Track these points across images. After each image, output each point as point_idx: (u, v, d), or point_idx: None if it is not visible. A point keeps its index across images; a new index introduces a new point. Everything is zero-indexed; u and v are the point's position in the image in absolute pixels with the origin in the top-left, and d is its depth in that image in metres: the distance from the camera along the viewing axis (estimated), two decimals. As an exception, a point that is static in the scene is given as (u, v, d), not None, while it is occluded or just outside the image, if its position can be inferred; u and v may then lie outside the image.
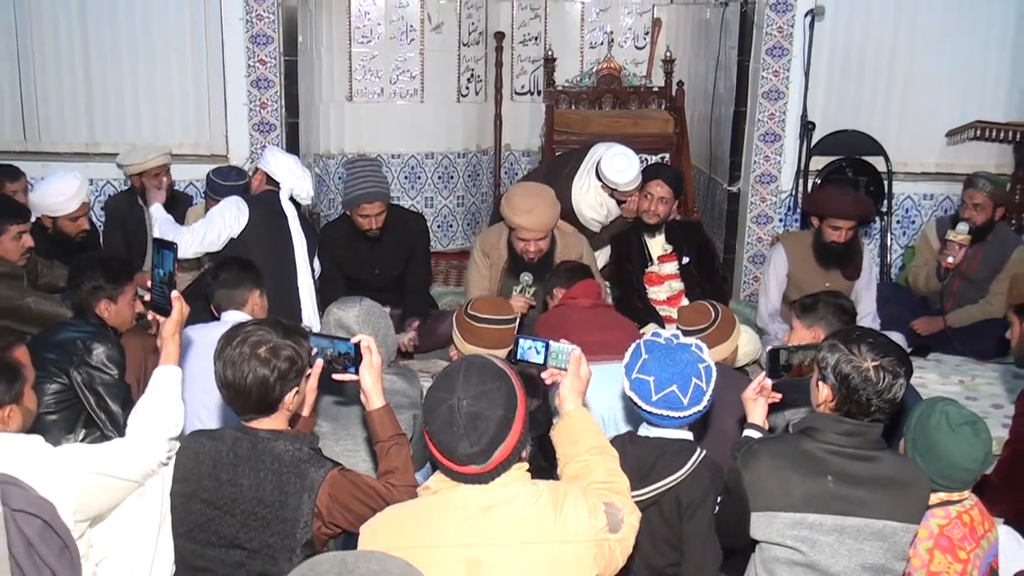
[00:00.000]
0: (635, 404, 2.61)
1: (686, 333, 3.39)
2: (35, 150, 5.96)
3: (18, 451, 2.24)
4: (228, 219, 4.20)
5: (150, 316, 2.72)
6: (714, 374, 2.59)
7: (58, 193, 4.58)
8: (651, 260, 4.92)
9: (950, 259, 4.93)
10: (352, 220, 4.77)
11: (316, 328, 3.89)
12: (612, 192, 5.03)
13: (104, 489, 2.38)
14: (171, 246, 2.70)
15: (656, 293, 4.88)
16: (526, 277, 4.53)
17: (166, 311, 2.60)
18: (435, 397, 2.03)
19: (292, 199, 4.40)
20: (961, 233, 4.92)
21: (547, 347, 2.38)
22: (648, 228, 4.92)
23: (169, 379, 2.57)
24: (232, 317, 3.34)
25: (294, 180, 4.40)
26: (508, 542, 1.99)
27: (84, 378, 3.23)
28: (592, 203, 5.13)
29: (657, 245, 4.94)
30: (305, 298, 4.31)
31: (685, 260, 4.91)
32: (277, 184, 4.41)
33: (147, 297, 2.68)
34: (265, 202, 4.35)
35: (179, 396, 2.58)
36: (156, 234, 4.29)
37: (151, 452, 2.48)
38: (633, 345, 2.66)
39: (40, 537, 2.11)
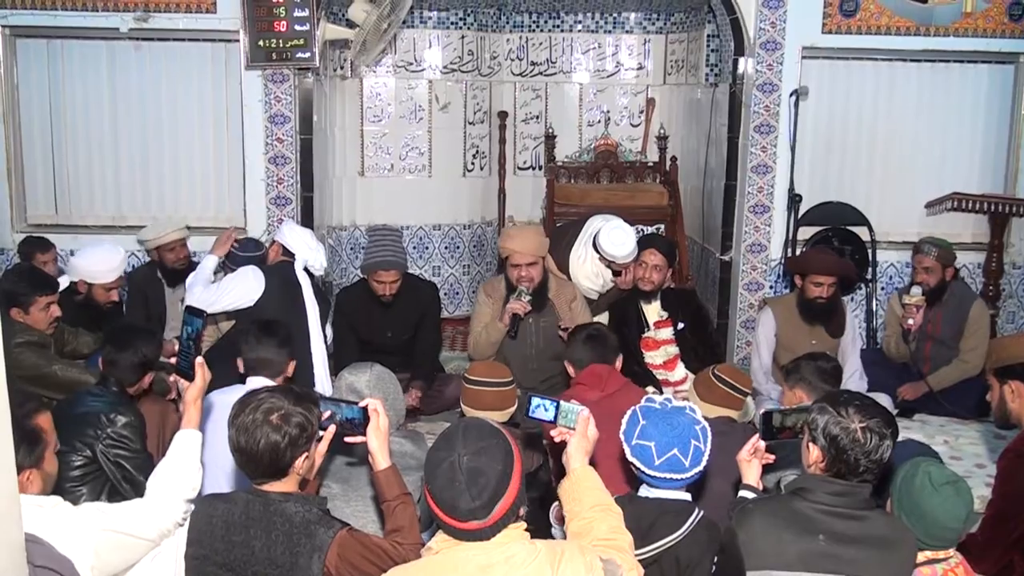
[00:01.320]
0: (637, 469, 2.59)
1: (735, 389, 3.40)
2: (66, 223, 6.03)
3: (39, 511, 2.23)
4: (244, 287, 4.23)
5: (172, 379, 2.73)
6: (710, 435, 2.59)
7: (102, 262, 4.62)
8: (647, 326, 4.93)
9: (910, 321, 5.00)
10: (368, 285, 4.85)
11: (328, 392, 3.89)
12: (609, 264, 5.06)
13: (121, 547, 2.36)
14: (201, 314, 2.73)
15: (652, 358, 4.89)
16: (521, 287, 4.65)
17: (191, 376, 2.61)
18: (436, 456, 2.01)
19: (306, 269, 4.43)
20: (916, 296, 5.00)
21: (557, 406, 2.38)
22: (644, 295, 4.94)
23: (189, 443, 2.56)
24: (256, 383, 3.30)
25: (308, 252, 4.44)
26: None
27: (108, 452, 3.22)
28: (589, 274, 5.16)
29: (653, 312, 4.95)
30: (318, 364, 4.32)
31: (680, 326, 4.93)
32: (292, 255, 4.44)
33: (173, 360, 2.69)
34: (280, 272, 4.37)
35: (198, 460, 2.56)
36: (188, 280, 4.39)
37: (168, 513, 2.46)
38: (629, 412, 2.65)
39: None
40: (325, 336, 4.54)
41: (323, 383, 4.26)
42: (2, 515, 1.82)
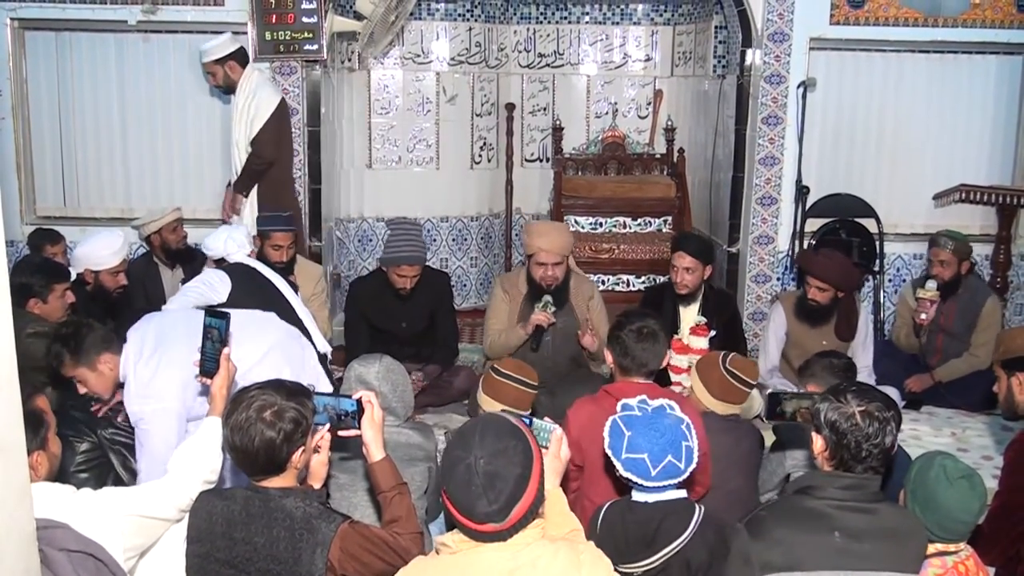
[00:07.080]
0: (631, 482, 2.43)
1: (739, 380, 3.30)
2: (74, 215, 6.04)
3: (64, 497, 2.26)
4: (208, 284, 4.03)
5: (200, 380, 2.80)
6: (694, 426, 2.47)
7: (104, 247, 4.66)
8: (679, 329, 4.74)
9: (923, 316, 4.97)
10: (384, 275, 4.86)
11: (323, 348, 3.93)
12: None
13: (144, 528, 2.40)
14: (225, 316, 2.75)
15: (678, 361, 4.61)
16: (547, 297, 4.55)
17: (213, 374, 2.69)
18: (452, 456, 1.95)
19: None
20: (930, 290, 4.96)
21: (530, 423, 2.31)
22: (683, 298, 4.75)
23: (214, 429, 2.60)
24: None
25: (230, 246, 4.32)
26: None
27: (110, 438, 3.24)
28: None
29: (690, 316, 4.77)
30: (311, 328, 4.08)
31: (712, 333, 4.69)
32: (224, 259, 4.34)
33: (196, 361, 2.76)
34: (233, 270, 4.19)
35: (220, 446, 2.57)
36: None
37: (186, 491, 2.48)
38: (609, 423, 2.47)
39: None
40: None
41: (322, 344, 4.07)
42: (14, 505, 1.82)
